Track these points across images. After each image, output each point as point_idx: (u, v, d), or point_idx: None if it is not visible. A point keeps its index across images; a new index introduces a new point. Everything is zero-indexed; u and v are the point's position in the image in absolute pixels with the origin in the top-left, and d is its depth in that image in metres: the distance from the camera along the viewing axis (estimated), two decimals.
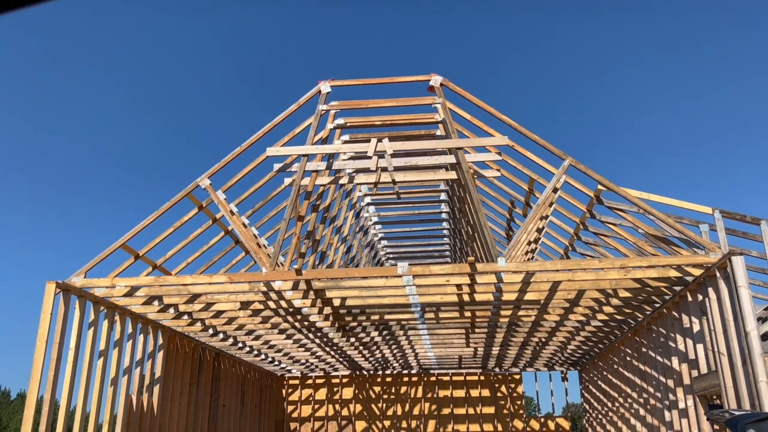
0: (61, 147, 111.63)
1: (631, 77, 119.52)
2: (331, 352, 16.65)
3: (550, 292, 10.54)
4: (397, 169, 10.16)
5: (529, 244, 11.42)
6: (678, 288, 10.23)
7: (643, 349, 13.00)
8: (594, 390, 19.08)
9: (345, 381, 21.38)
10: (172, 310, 11.24)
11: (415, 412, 21.01)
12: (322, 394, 21.28)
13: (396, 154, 10.09)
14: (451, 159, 10.06)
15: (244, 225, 11.21)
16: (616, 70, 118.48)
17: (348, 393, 21.29)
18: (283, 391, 21.33)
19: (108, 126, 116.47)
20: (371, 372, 21.27)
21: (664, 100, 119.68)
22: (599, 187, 10.05)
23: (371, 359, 18.32)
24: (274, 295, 10.68)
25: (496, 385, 21.19)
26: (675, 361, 10.91)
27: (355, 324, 12.95)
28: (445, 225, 17.16)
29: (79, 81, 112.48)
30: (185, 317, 11.86)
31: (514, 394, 21.10)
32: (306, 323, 12.66)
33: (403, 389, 21.29)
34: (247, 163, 10.61)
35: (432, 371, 21.32)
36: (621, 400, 15.34)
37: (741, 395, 8.06)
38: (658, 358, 11.94)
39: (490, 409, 20.87)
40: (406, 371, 21.30)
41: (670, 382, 11.18)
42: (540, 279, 9.89)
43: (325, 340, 14.71)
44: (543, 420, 21.03)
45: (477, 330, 13.96)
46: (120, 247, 10.02)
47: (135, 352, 11.53)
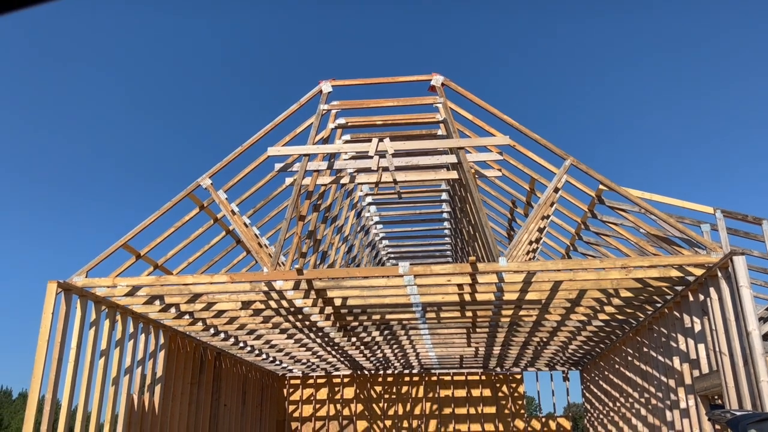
0: (62, 147, 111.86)
1: (631, 77, 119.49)
2: (333, 352, 16.65)
3: (551, 292, 10.53)
4: (399, 168, 10.15)
5: (530, 243, 11.41)
6: (679, 288, 10.22)
7: (645, 349, 12.99)
8: (595, 390, 19.07)
9: (346, 381, 21.38)
10: (173, 310, 11.25)
11: (417, 411, 21.00)
12: (323, 394, 21.28)
13: (397, 154, 10.08)
14: (452, 159, 10.05)
15: (245, 225, 11.22)
16: (616, 70, 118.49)
17: (349, 393, 21.29)
18: (285, 390, 21.34)
19: (109, 126, 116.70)
20: (372, 372, 21.27)
21: (664, 100, 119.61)
22: (600, 186, 10.04)
23: (372, 359, 18.32)
24: (275, 295, 10.68)
25: (498, 384, 21.18)
26: (676, 360, 10.90)
27: (356, 324, 12.95)
28: (446, 225, 17.16)
29: (79, 81, 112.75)
30: (186, 317, 11.88)
31: (516, 394, 21.09)
32: (307, 323, 12.67)
33: (404, 389, 21.29)
34: (248, 163, 10.61)
35: (433, 371, 21.31)
36: (622, 400, 15.33)
37: (742, 395, 8.05)
38: (660, 358, 11.93)
39: (491, 409, 20.86)
40: (407, 371, 21.30)
41: (672, 382, 11.17)
42: (541, 279, 9.89)
43: (326, 339, 14.72)
44: (544, 420, 21.02)
45: (478, 330, 13.96)
46: (121, 247, 10.03)
47: (136, 352, 11.55)
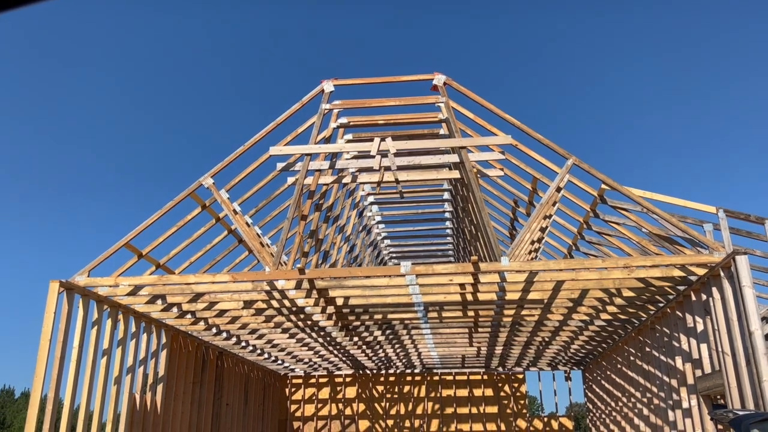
0: (63, 147, 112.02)
1: (631, 77, 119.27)
2: (334, 351, 16.65)
3: (553, 292, 10.52)
4: (401, 168, 10.15)
5: (532, 243, 11.39)
6: (682, 287, 10.20)
7: (647, 349, 12.97)
8: (597, 389, 19.05)
9: (348, 380, 21.38)
10: (175, 309, 11.26)
11: (419, 411, 21.00)
12: (325, 393, 21.29)
13: (399, 153, 10.07)
14: (454, 158, 10.05)
15: (247, 224, 11.22)
16: (616, 70, 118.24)
17: (351, 392, 21.29)
18: (287, 390, 21.34)
19: (110, 126, 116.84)
20: (374, 371, 21.27)
21: (664, 100, 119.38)
22: (603, 186, 10.02)
23: (374, 358, 18.32)
24: (277, 294, 10.69)
25: (500, 384, 21.16)
26: (679, 360, 10.88)
27: (358, 323, 12.94)
28: (448, 224, 17.15)
29: (80, 81, 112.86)
30: (188, 316, 11.89)
31: (518, 394, 21.08)
32: (309, 322, 12.67)
33: (406, 388, 21.28)
34: (250, 163, 10.63)
35: (435, 370, 21.31)
36: (624, 399, 15.31)
37: (745, 395, 8.04)
38: (662, 357, 11.91)
39: (493, 409, 20.85)
40: (409, 370, 21.29)
41: (674, 382, 11.15)
42: (543, 278, 9.88)
43: (328, 339, 14.72)
44: (546, 419, 21.00)
45: (480, 329, 13.95)
46: (123, 246, 10.04)
47: (138, 351, 11.56)
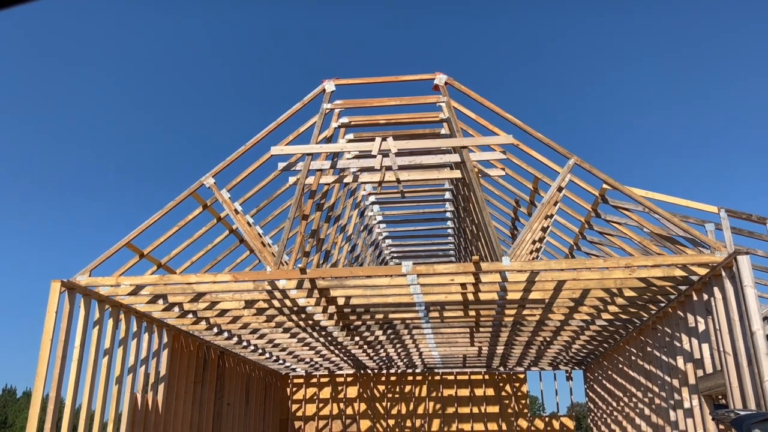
0: (64, 146, 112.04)
1: (631, 77, 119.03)
2: (336, 351, 16.66)
3: (554, 292, 10.52)
4: (402, 167, 10.14)
5: (533, 243, 11.39)
6: (683, 287, 10.19)
7: (648, 349, 12.96)
8: (599, 389, 19.04)
9: (349, 380, 21.39)
10: (176, 309, 11.27)
11: (420, 411, 21.00)
12: (326, 393, 21.30)
13: (400, 153, 10.07)
14: (455, 158, 10.04)
15: (248, 224, 11.22)
16: (616, 70, 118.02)
17: (352, 392, 21.30)
18: (288, 389, 21.35)
19: (110, 125, 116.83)
20: (376, 371, 21.28)
21: (664, 100, 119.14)
22: (604, 186, 10.01)
23: (376, 358, 18.32)
24: (278, 294, 10.69)
25: (501, 384, 21.16)
26: (680, 360, 10.87)
27: (359, 323, 12.94)
28: (449, 224, 17.15)
29: (81, 81, 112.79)
30: (190, 316, 11.90)
31: (519, 394, 21.07)
32: (310, 322, 12.67)
33: (407, 388, 21.28)
34: (251, 162, 10.62)
35: (436, 370, 21.30)
36: (626, 399, 15.30)
37: (746, 395, 8.03)
38: (663, 357, 11.90)
39: (494, 408, 20.85)
40: (410, 370, 21.29)
41: (675, 382, 11.14)
42: (545, 278, 9.87)
43: (329, 338, 14.72)
44: (547, 419, 20.99)
45: (481, 329, 13.95)
46: (125, 246, 10.05)
47: (140, 351, 11.57)
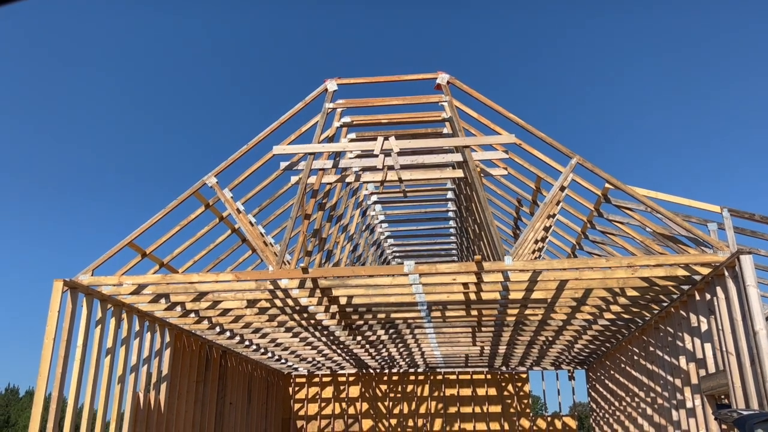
0: (65, 146, 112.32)
1: (631, 77, 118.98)
2: (338, 351, 16.66)
3: (557, 291, 10.51)
4: (404, 167, 10.14)
5: (536, 242, 11.38)
6: (686, 287, 10.17)
7: (651, 348, 12.94)
8: (601, 389, 19.02)
9: (351, 379, 21.40)
10: (179, 308, 11.28)
11: (422, 410, 21.01)
12: (328, 392, 21.31)
13: (402, 153, 10.07)
14: (457, 157, 10.03)
15: (250, 223, 11.23)
16: (616, 70, 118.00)
17: (354, 391, 21.31)
18: (290, 389, 21.37)
19: (111, 125, 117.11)
20: (378, 370, 21.28)
21: (664, 100, 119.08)
22: (607, 185, 10.00)
23: (378, 357, 18.32)
24: (280, 294, 10.70)
25: (503, 383, 21.16)
26: (683, 360, 10.85)
27: (361, 322, 12.95)
28: (451, 223, 17.14)
29: (81, 81, 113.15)
30: (192, 315, 11.91)
31: (521, 393, 21.07)
32: (312, 321, 12.68)
33: (409, 388, 21.29)
34: (253, 162, 10.63)
35: (438, 370, 21.30)
36: (628, 399, 15.28)
37: (749, 395, 8.01)
38: (666, 357, 11.88)
39: (496, 408, 20.84)
40: (412, 370, 21.30)
41: (678, 382, 11.12)
42: (547, 278, 9.86)
43: (331, 338, 14.73)
44: (550, 419, 20.99)
45: (484, 329, 13.94)
46: (127, 245, 10.05)
47: (142, 350, 11.58)
